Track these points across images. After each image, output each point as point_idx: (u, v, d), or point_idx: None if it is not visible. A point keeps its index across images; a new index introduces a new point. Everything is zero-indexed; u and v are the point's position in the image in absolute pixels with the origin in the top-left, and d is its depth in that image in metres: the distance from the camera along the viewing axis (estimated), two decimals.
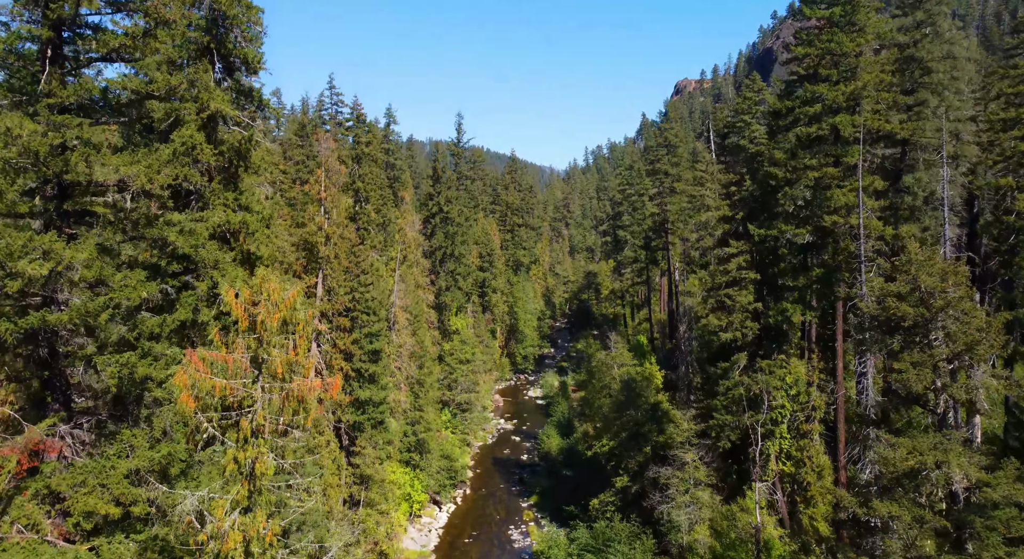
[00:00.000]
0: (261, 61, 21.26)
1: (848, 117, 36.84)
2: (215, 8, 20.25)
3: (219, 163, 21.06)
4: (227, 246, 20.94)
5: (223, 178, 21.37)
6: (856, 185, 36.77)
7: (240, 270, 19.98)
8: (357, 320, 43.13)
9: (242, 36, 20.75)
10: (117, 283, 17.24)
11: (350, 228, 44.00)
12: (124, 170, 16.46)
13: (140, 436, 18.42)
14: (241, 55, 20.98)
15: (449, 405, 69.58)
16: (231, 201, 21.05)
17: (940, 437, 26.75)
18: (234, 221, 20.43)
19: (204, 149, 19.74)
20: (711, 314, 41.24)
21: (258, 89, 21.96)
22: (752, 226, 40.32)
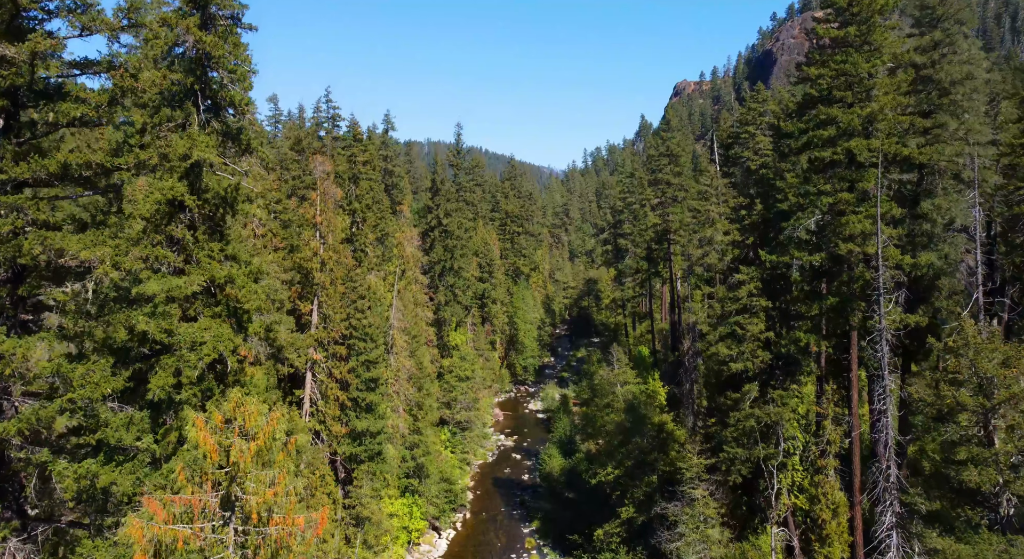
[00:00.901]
0: (249, 103, 19.77)
1: (864, 142, 35.43)
2: (199, 48, 18.77)
3: (204, 212, 19.60)
4: (212, 299, 19.47)
5: (208, 227, 19.91)
6: (872, 211, 35.35)
7: (226, 330, 18.46)
8: (354, 347, 41.67)
9: (228, 77, 19.26)
10: (77, 380, 15.71)
11: (346, 251, 42.53)
12: (86, 253, 14.93)
13: (103, 549, 16.63)
14: (228, 97, 19.49)
15: (448, 423, 68.15)
16: (216, 252, 19.60)
17: (1005, 542, 24.75)
18: (219, 276, 18.96)
19: (187, 200, 18.26)
20: (720, 342, 39.81)
21: (247, 130, 20.46)
22: (763, 252, 38.92)
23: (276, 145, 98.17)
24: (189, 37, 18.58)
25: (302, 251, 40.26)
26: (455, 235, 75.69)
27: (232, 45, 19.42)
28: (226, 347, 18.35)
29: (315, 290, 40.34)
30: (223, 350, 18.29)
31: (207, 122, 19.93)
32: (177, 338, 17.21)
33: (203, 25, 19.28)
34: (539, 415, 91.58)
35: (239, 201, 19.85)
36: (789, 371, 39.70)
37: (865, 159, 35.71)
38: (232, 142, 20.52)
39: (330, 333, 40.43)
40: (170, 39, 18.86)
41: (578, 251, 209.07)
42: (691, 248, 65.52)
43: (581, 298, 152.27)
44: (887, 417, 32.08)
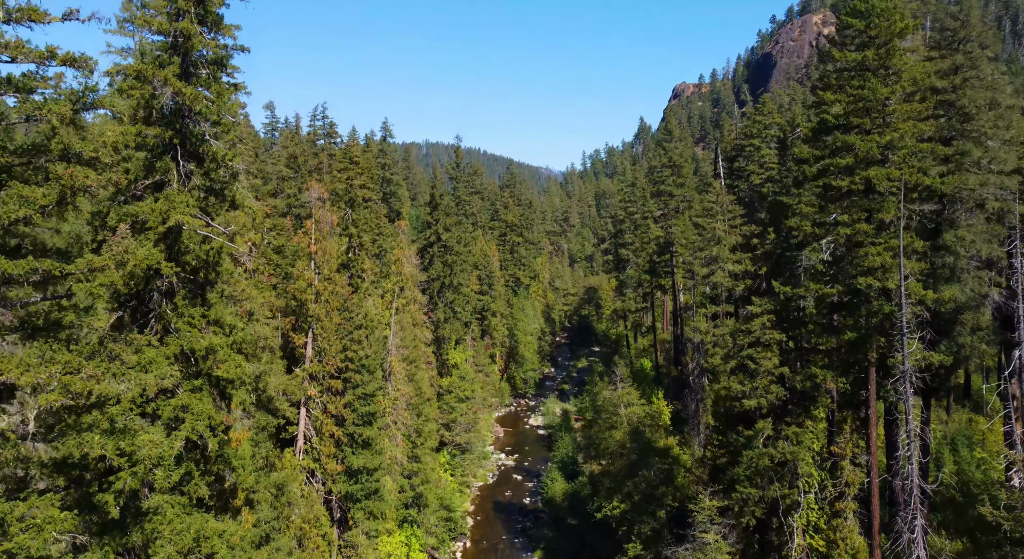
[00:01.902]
0: (232, 159, 18.13)
1: (883, 170, 33.85)
2: (179, 101, 17.15)
3: (184, 276, 17.98)
4: (193, 369, 17.84)
5: (188, 291, 18.29)
6: (892, 243, 33.75)
7: (207, 406, 16.81)
8: (350, 380, 40.04)
9: (212, 130, 17.64)
10: (15, 540, 13.54)
11: (342, 279, 40.89)
12: (27, 378, 13.09)
13: None
14: (210, 153, 17.86)
15: (448, 445, 66.56)
16: (197, 318, 17.99)
17: None
18: (199, 347, 17.36)
19: (164, 267, 16.63)
20: (732, 376, 38.25)
21: (232, 184, 18.83)
22: (777, 283, 37.31)
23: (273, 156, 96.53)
24: (167, 89, 16.99)
25: (296, 281, 38.63)
26: (454, 250, 74.07)
27: (216, 94, 17.82)
28: (207, 425, 16.77)
29: (309, 322, 38.71)
30: (202, 430, 16.70)
31: (188, 178, 18.31)
32: (144, 452, 15.44)
33: (184, 74, 17.72)
34: (540, 431, 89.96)
35: (223, 263, 18.22)
36: (804, 406, 38.13)
37: (885, 189, 34.17)
38: (216, 198, 18.89)
39: (325, 367, 38.80)
40: (146, 92, 17.25)
41: (578, 256, 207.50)
42: (696, 266, 64.03)
43: (581, 306, 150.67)
44: (912, 464, 30.49)
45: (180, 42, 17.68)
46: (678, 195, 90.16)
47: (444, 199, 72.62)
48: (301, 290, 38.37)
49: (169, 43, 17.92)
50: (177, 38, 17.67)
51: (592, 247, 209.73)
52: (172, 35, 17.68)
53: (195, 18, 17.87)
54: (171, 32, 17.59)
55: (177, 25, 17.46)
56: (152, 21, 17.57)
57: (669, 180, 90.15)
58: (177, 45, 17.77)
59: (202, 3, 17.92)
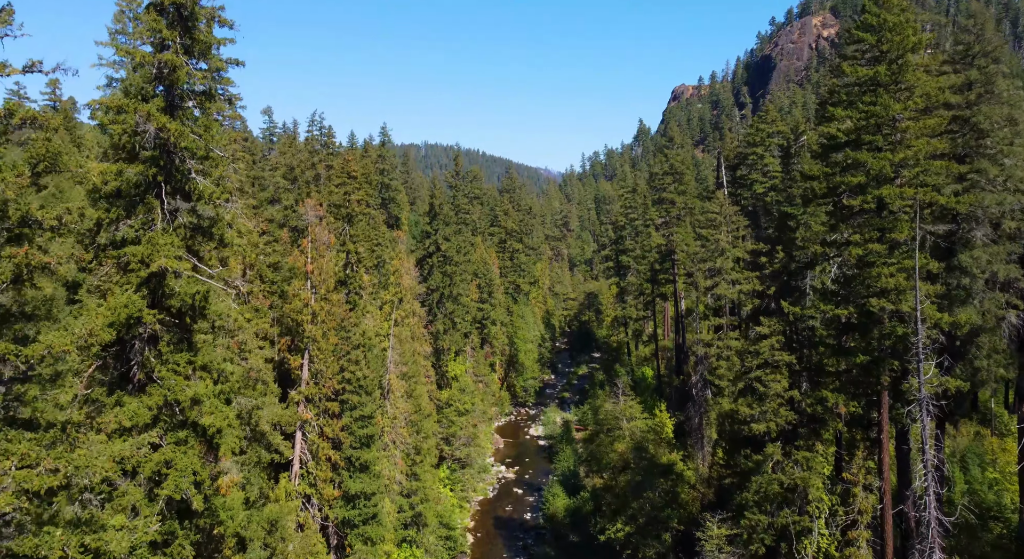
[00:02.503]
0: (220, 196, 17.12)
1: (896, 189, 32.87)
2: (163, 136, 16.14)
3: (168, 320, 16.98)
4: (178, 419, 16.83)
5: (174, 336, 17.28)
6: (905, 263, 32.78)
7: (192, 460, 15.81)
8: (347, 402, 39.01)
9: (199, 166, 16.62)
10: None
11: (339, 298, 39.87)
12: None
13: None
14: (196, 191, 16.85)
15: (447, 460, 65.56)
16: (183, 365, 17.00)
17: None
18: (184, 398, 16.37)
19: (146, 315, 15.64)
20: (740, 399, 37.28)
21: (222, 222, 17.81)
22: (786, 303, 36.34)
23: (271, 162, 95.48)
24: (149, 125, 16.00)
25: (292, 302, 37.62)
26: (454, 260, 73.07)
27: (203, 127, 16.80)
28: (192, 481, 15.78)
29: (306, 343, 37.69)
30: (186, 487, 15.69)
31: (173, 216, 17.31)
32: (114, 547, 14.20)
33: (169, 107, 16.73)
34: (540, 442, 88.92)
35: (211, 304, 17.22)
36: (814, 430, 37.16)
37: (898, 208, 33.21)
38: (203, 236, 17.88)
39: (321, 389, 37.78)
40: (128, 126, 16.23)
41: (577, 260, 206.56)
42: (700, 278, 63.08)
43: (581, 312, 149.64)
44: (930, 495, 29.49)
45: (165, 73, 16.72)
46: (680, 202, 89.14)
47: (443, 209, 71.62)
48: (297, 310, 37.35)
49: (154, 74, 16.96)
50: (162, 69, 16.69)
51: (592, 251, 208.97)
52: (156, 67, 16.72)
53: (181, 49, 16.90)
54: (155, 64, 16.63)
55: (161, 57, 16.47)
56: (135, 53, 16.63)
57: (671, 187, 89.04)
58: (162, 76, 16.79)
59: (189, 33, 16.95)
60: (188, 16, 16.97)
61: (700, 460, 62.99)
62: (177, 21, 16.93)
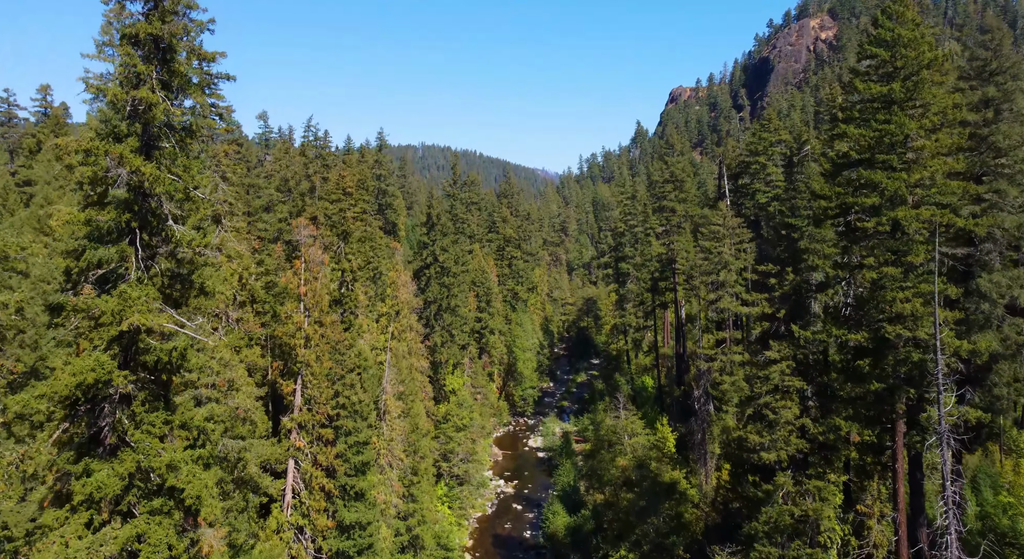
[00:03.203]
0: (200, 243, 15.81)
1: (912, 211, 31.69)
2: (137, 180, 14.81)
3: (144, 376, 15.67)
4: (153, 485, 15.52)
5: (149, 394, 15.97)
6: (922, 287, 31.59)
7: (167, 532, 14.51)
8: (341, 428, 37.68)
9: (177, 209, 15.29)
10: None
11: (334, 320, 38.53)
12: None
13: None
14: (175, 238, 15.53)
15: (445, 476, 64.25)
16: (159, 425, 15.68)
17: None
18: (159, 465, 15.06)
19: (116, 377, 14.34)
20: (749, 425, 36.03)
21: (203, 268, 16.49)
22: (797, 327, 35.10)
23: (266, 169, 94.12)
24: (122, 169, 14.68)
25: (285, 325, 36.30)
26: (452, 271, 71.73)
27: (183, 168, 15.47)
28: (166, 557, 14.43)
29: (299, 368, 36.36)
30: None
31: (149, 265, 15.98)
32: None
33: (144, 148, 15.40)
34: (539, 453, 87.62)
35: (189, 361, 15.90)
36: (825, 457, 35.92)
37: (913, 230, 32.01)
38: (183, 285, 16.56)
39: (315, 415, 36.44)
40: (99, 168, 14.89)
41: (575, 264, 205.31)
42: (702, 290, 61.88)
43: (580, 318, 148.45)
44: (951, 534, 28.26)
45: (140, 111, 15.41)
46: (680, 210, 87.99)
47: (441, 219, 70.30)
48: (290, 334, 36.03)
49: (128, 111, 15.64)
50: (137, 107, 15.38)
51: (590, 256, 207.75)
52: (131, 104, 15.40)
53: (158, 84, 15.59)
54: (128, 102, 15.32)
55: (136, 94, 15.14)
56: (106, 89, 15.32)
57: (671, 195, 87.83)
58: (137, 114, 15.46)
59: (167, 65, 15.66)
60: (166, 48, 15.69)
61: (703, 477, 61.79)
62: (154, 54, 15.65)
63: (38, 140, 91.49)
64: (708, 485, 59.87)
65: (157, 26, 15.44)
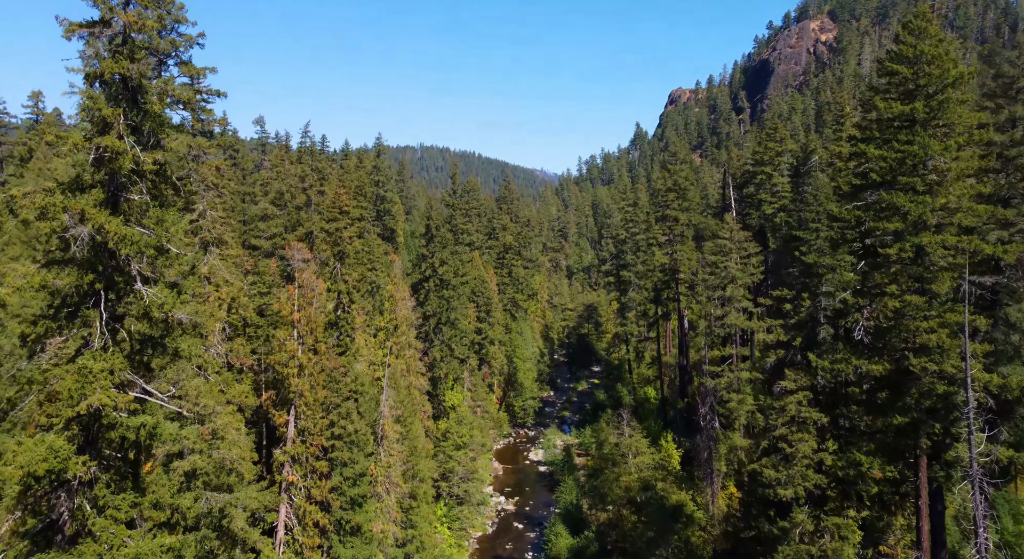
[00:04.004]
0: (173, 306, 14.16)
1: (937, 237, 30.11)
2: (98, 240, 13.15)
3: (108, 455, 14.04)
4: None
5: (116, 473, 14.34)
6: (948, 317, 29.98)
7: None
8: (336, 460, 36.05)
9: (149, 269, 13.62)
10: None
11: (329, 346, 36.89)
12: None
13: None
14: (142, 307, 13.86)
15: (444, 497, 62.62)
16: (125, 508, 14.05)
17: None
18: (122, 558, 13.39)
19: (73, 466, 12.71)
20: (764, 458, 34.44)
21: (177, 330, 14.84)
22: (814, 356, 33.53)
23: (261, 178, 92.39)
24: (83, 228, 12.99)
25: (278, 353, 34.66)
26: (451, 284, 70.09)
27: (155, 220, 13.79)
28: None
29: (292, 398, 34.72)
30: None
31: (116, 330, 14.34)
32: None
33: (111, 199, 13.73)
34: (541, 467, 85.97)
35: (162, 433, 14.25)
36: (844, 492, 34.35)
37: (940, 257, 30.43)
38: (154, 349, 14.91)
39: (309, 448, 34.79)
40: (59, 223, 13.22)
41: (575, 268, 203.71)
42: (708, 305, 60.30)
43: (580, 324, 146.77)
44: None
45: (106, 159, 13.72)
46: (683, 219, 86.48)
47: (440, 231, 68.67)
48: (283, 363, 34.39)
49: (91, 159, 13.94)
50: (102, 155, 13.67)
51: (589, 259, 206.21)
52: (94, 152, 13.68)
53: (126, 129, 13.88)
54: (91, 150, 13.61)
55: (100, 141, 13.42)
56: (67, 136, 13.64)
57: (674, 204, 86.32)
58: (102, 162, 13.76)
59: (137, 107, 13.96)
60: (136, 88, 14.00)
61: (710, 497, 60.23)
62: (122, 94, 13.98)
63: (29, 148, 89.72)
64: (715, 506, 58.35)
65: (125, 65, 13.79)
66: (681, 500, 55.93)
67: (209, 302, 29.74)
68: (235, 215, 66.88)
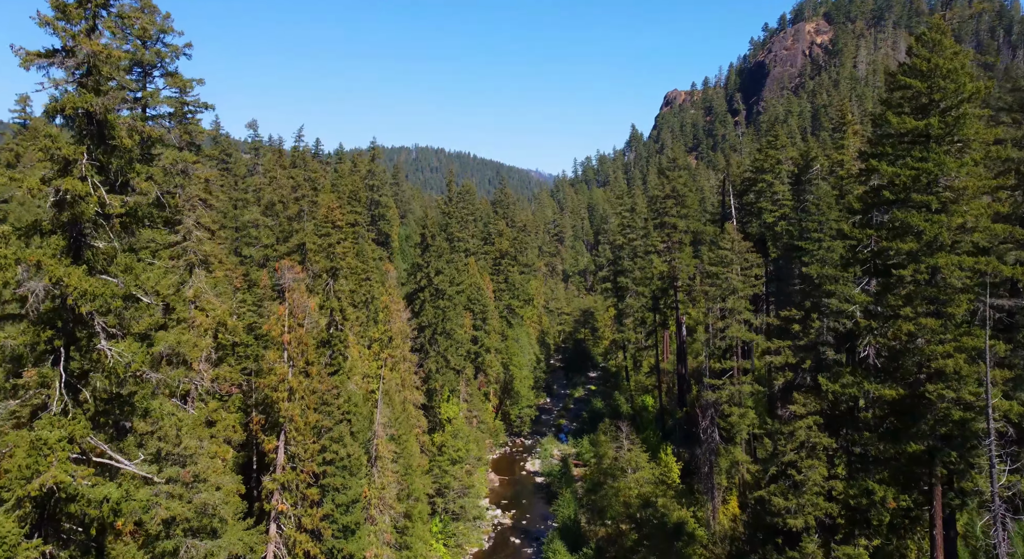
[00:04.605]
0: (142, 363, 12.81)
1: (954, 258, 28.97)
2: (56, 295, 11.77)
3: (69, 529, 12.70)
4: None
5: (77, 549, 12.97)
6: (965, 343, 28.88)
7: None
8: (328, 487, 34.72)
9: (112, 324, 12.25)
10: None
11: (319, 369, 35.54)
12: None
13: None
14: (106, 366, 12.48)
15: (439, 512, 61.30)
16: None
17: None
18: None
19: (24, 552, 11.33)
20: (772, 485, 33.25)
21: (147, 388, 13.46)
22: (824, 379, 32.38)
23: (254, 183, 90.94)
24: (38, 284, 11.57)
25: (267, 376, 33.31)
26: (447, 294, 68.77)
27: (123, 267, 12.35)
28: None
29: (281, 424, 33.37)
30: None
31: (79, 387, 12.98)
32: None
33: (72, 247, 12.31)
34: (538, 478, 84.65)
35: (128, 505, 12.87)
36: (855, 520, 33.20)
37: (956, 279, 29.28)
38: (121, 409, 13.53)
39: (299, 474, 33.45)
40: (11, 275, 11.79)
41: (571, 271, 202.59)
42: (710, 318, 59.28)
43: (576, 329, 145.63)
44: None
45: (67, 202, 12.27)
46: (682, 226, 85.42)
47: (436, 240, 67.35)
48: (272, 386, 33.05)
49: (51, 203, 12.48)
50: (63, 198, 12.18)
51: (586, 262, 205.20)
52: (54, 195, 12.19)
53: (91, 168, 12.44)
54: (50, 193, 12.14)
55: (59, 183, 11.95)
56: (21, 178, 12.20)
57: (672, 211, 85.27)
58: (63, 206, 12.31)
59: (103, 143, 12.46)
60: (103, 123, 12.53)
61: (711, 512, 59.12)
62: (87, 130, 12.51)
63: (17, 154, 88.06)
64: (716, 522, 57.27)
65: (90, 99, 12.35)
66: (682, 517, 54.77)
67: (196, 327, 28.39)
68: (228, 221, 65.58)
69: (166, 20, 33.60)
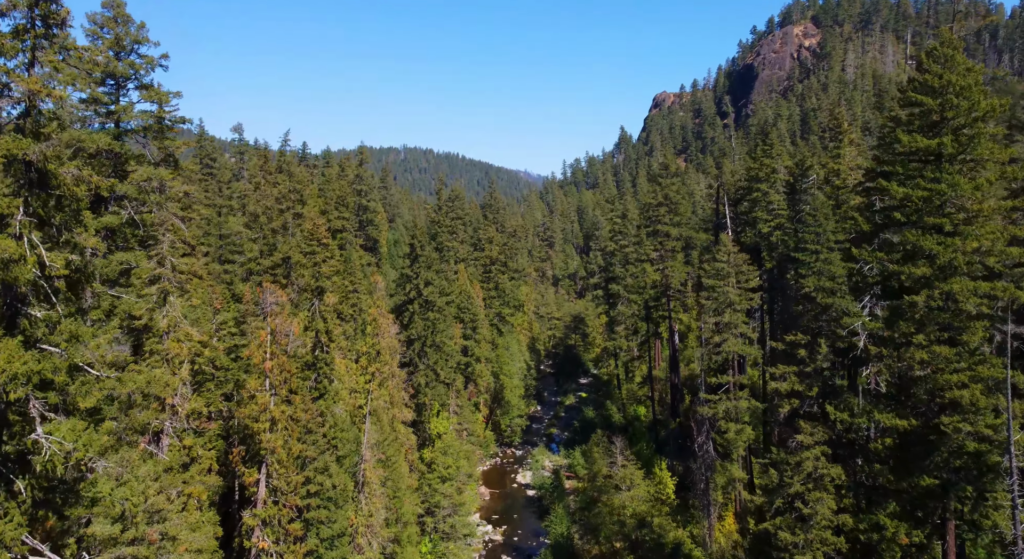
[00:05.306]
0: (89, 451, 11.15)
1: (970, 283, 27.71)
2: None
3: None
4: None
5: None
6: (981, 372, 27.63)
7: None
8: (313, 521, 32.99)
9: (46, 410, 10.59)
10: None
11: (303, 397, 33.80)
12: None
13: None
14: (44, 458, 10.82)
15: (429, 532, 59.61)
16: None
17: None
18: None
19: None
20: (778, 519, 31.87)
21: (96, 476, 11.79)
22: (832, 408, 31.05)
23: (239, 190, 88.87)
24: None
25: (247, 406, 31.55)
26: (436, 306, 67.09)
27: (67, 336, 10.60)
28: None
29: (263, 455, 31.62)
30: None
31: (12, 478, 11.27)
32: None
33: (5, 316, 10.67)
34: (529, 491, 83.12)
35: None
36: (865, 553, 31.90)
37: (972, 306, 28.01)
38: (63, 499, 11.81)
39: (281, 509, 31.70)
40: None
41: (560, 274, 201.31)
42: (707, 332, 57.90)
43: (567, 335, 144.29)
44: None
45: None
46: (675, 234, 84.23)
47: (425, 250, 65.66)
48: (253, 416, 31.29)
49: None
50: None
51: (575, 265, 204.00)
52: None
53: (29, 224, 10.58)
54: None
55: None
56: None
57: (665, 218, 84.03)
58: None
59: (46, 193, 10.57)
60: (44, 171, 10.75)
61: (707, 529, 57.85)
62: (24, 180, 10.71)
63: None
64: (712, 541, 56.00)
65: (27, 144, 10.54)
66: (679, 538, 53.48)
67: (171, 361, 26.64)
68: (212, 228, 63.59)
69: (140, 30, 31.82)
